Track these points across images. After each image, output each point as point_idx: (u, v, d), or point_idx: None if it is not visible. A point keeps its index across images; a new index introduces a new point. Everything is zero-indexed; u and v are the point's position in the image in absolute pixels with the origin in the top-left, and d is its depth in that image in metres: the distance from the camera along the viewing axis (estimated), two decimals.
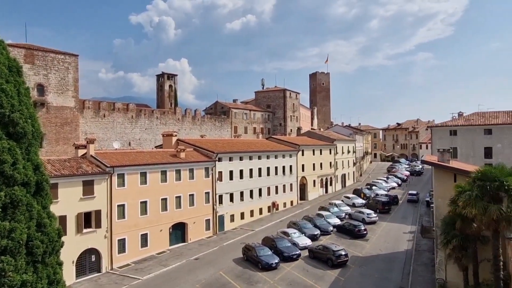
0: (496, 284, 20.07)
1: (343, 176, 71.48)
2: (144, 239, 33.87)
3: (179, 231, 37.64)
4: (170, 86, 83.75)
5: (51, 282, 12.98)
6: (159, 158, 36.49)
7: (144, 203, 33.98)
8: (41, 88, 42.18)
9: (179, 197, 37.28)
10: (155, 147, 51.88)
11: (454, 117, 54.72)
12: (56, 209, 25.32)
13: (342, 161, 70.84)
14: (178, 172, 37.27)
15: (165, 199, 35.88)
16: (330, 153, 66.06)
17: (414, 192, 60.20)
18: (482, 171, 21.09)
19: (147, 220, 34.17)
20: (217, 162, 41.62)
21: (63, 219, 27.14)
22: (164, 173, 35.86)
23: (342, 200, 54.24)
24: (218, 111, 74.55)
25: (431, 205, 37.05)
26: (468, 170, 24.50)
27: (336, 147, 67.69)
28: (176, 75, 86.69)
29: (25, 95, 13.46)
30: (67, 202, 27.85)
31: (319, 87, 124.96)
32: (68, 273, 27.12)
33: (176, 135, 44.66)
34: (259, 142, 56.98)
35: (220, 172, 42.39)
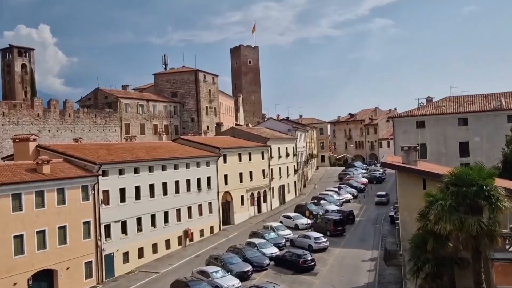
0: None
1: (281, 188, 73.09)
2: None
3: (44, 283, 35.39)
4: (24, 66, 78.69)
5: None
6: (8, 176, 33.97)
7: None
8: None
9: (43, 232, 35.06)
10: (2, 158, 48.30)
11: (422, 105, 59.03)
12: None
13: (280, 168, 72.37)
14: (40, 195, 35.02)
15: (20, 236, 33.46)
16: (263, 157, 67.07)
17: (383, 193, 63.41)
18: (456, 173, 22.70)
19: None
20: (100, 177, 39.98)
21: None
22: (17, 197, 33.40)
23: (281, 222, 55.25)
24: (100, 103, 71.69)
25: (396, 222, 39.23)
26: (440, 173, 26.28)
27: (271, 149, 68.96)
28: (33, 49, 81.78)
29: None
30: None
31: (244, 67, 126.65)
32: None
33: (35, 140, 42.19)
34: (163, 146, 55.99)
35: (106, 192, 40.83)
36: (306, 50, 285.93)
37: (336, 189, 75.08)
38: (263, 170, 66.86)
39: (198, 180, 52.93)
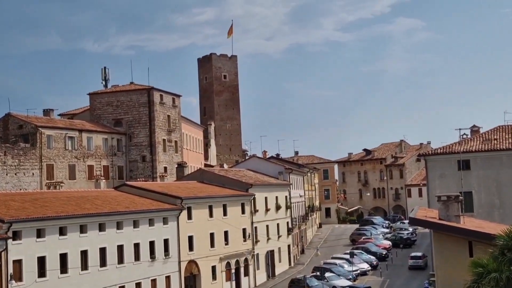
0: None
1: (270, 255, 72.64)
2: None
3: None
4: None
5: None
6: None
7: None
8: None
9: None
10: None
11: (465, 137, 59.63)
12: None
13: (267, 227, 72.01)
14: None
15: None
16: (244, 211, 66.73)
17: (419, 254, 63.02)
18: None
19: None
20: (10, 241, 39.33)
21: None
22: None
23: None
24: (13, 135, 71.10)
25: None
26: (492, 233, 26.34)
27: (254, 199, 68.71)
28: None
29: None
30: None
31: (218, 84, 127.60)
32: None
33: None
34: (101, 196, 55.55)
35: (18, 262, 40.16)
36: (303, 61, 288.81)
37: (348, 256, 74.69)
38: (244, 230, 66.39)
39: (151, 244, 52.34)
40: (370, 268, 72.53)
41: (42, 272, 41.90)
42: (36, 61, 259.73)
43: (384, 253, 80.00)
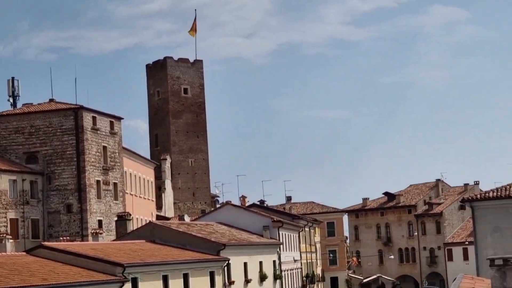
0: None
1: None
2: None
3: None
4: None
5: None
6: None
7: None
8: None
9: None
10: None
11: None
12: None
13: None
14: None
15: None
16: (212, 284, 66.48)
17: None
18: None
19: None
20: None
21: None
22: None
23: None
24: None
25: None
26: None
27: (229, 265, 68.50)
28: None
29: None
30: None
31: (175, 102, 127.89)
32: None
33: None
34: (7, 263, 55.04)
35: None
36: (297, 67, 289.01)
37: None
38: None
39: None
40: None
41: None
42: None
43: None
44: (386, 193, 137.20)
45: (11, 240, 67.65)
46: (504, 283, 30.63)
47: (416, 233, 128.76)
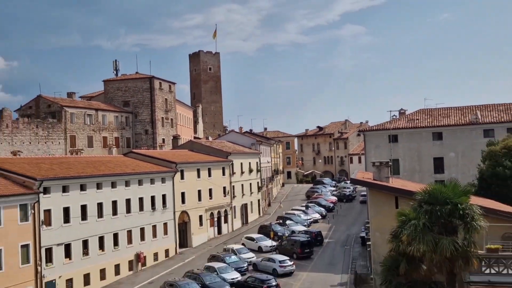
0: None
1: (244, 207, 73.17)
2: None
3: None
4: None
5: None
6: None
7: None
8: None
9: None
10: None
11: (394, 117, 60.39)
12: None
13: (242, 185, 72.48)
14: None
15: None
16: (224, 173, 67.09)
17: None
18: (430, 191, 23.29)
19: None
20: (42, 195, 39.15)
21: None
22: None
23: (243, 244, 55.36)
24: (43, 112, 70.24)
25: (368, 243, 39.86)
26: (413, 190, 26.94)
27: (232, 164, 69.05)
28: None
29: None
30: None
31: (204, 75, 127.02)
32: None
33: None
34: (113, 160, 55.38)
35: (48, 211, 40.02)
36: (272, 57, 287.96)
37: (303, 208, 75.63)
38: (224, 188, 66.81)
39: (152, 198, 52.49)
40: (320, 217, 73.46)
41: (66, 219, 41.94)
42: (62, 55, 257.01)
43: (331, 206, 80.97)
44: (318, 127, 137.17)
45: (115, 148, 67.76)
46: (380, 175, 31.10)
47: (333, 148, 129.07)
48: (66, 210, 41.93)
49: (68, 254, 41.75)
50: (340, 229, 65.81)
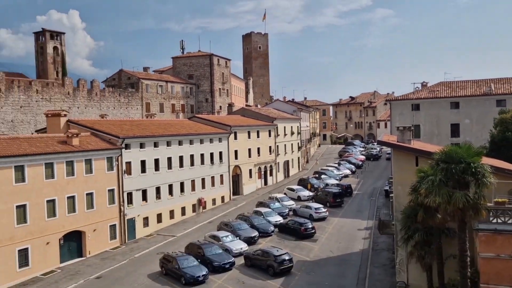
0: (463, 284, 21.93)
1: (286, 163, 73.31)
2: (23, 256, 31.88)
3: (73, 243, 36.02)
4: (55, 48, 78.60)
5: None
6: (42, 147, 34.30)
7: (21, 208, 31.87)
8: None
9: (73, 197, 35.60)
10: (36, 131, 48.67)
11: (417, 89, 58.44)
12: None
13: (285, 145, 72.47)
14: (70, 164, 35.48)
15: (53, 201, 34.01)
16: (270, 135, 67.16)
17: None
18: (446, 151, 22.70)
19: (27, 230, 32.11)
20: (123, 150, 40.30)
21: None
22: (49, 166, 33.87)
23: (285, 193, 55.68)
24: (124, 83, 71.79)
25: (390, 195, 39.39)
26: (431, 151, 26.29)
27: (277, 127, 68.96)
28: (63, 33, 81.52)
29: None
30: None
31: (255, 52, 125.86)
32: None
33: (65, 115, 42.58)
34: (180, 123, 56.17)
35: (129, 163, 41.21)
36: (312, 37, 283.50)
37: (336, 165, 75.11)
38: (270, 147, 66.97)
39: (211, 154, 53.21)
40: (350, 173, 72.88)
41: (143, 170, 43.09)
42: (139, 35, 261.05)
43: (360, 163, 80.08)
44: (350, 97, 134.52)
45: (181, 113, 68.65)
46: (403, 138, 30.41)
47: (363, 115, 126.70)
48: (143, 163, 43.11)
49: (144, 197, 43.10)
50: (367, 183, 65.21)
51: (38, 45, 79.02)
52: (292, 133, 75.77)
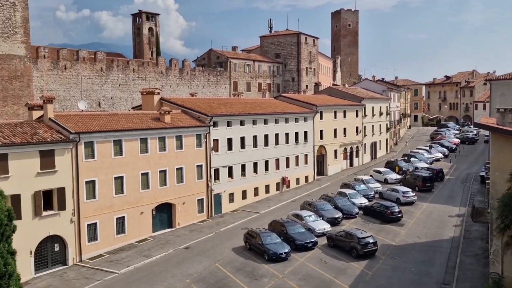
0: None
1: (373, 145, 71.45)
2: (120, 224, 34.43)
3: (164, 214, 38.21)
4: (151, 29, 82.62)
5: (1, 275, 13.18)
6: (137, 123, 36.49)
7: (119, 179, 34.28)
8: None
9: (164, 171, 37.59)
10: (132, 108, 51.81)
11: None
12: (6, 186, 25.58)
13: (372, 126, 70.53)
14: (162, 140, 37.41)
15: (146, 174, 36.17)
16: (357, 115, 65.69)
17: None
18: None
19: (123, 200, 34.59)
20: (211, 127, 41.62)
21: (16, 198, 27.46)
22: (144, 141, 35.99)
23: (371, 175, 54.43)
24: (213, 62, 73.80)
25: (487, 181, 36.97)
26: None
27: (365, 108, 67.21)
28: (158, 14, 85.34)
29: None
30: (21, 177, 28.08)
31: (344, 30, 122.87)
32: (25, 266, 27.80)
33: (159, 93, 44.64)
34: (266, 102, 56.72)
35: (216, 140, 42.53)
36: (405, 13, 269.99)
37: (427, 148, 71.80)
38: (357, 127, 65.56)
39: (296, 134, 53.28)
40: (443, 156, 69.32)
41: (229, 147, 44.27)
42: (228, 15, 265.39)
43: (453, 147, 75.78)
44: (445, 76, 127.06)
45: (267, 92, 69.16)
46: (503, 120, 28.32)
47: (459, 96, 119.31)
48: (229, 140, 44.29)
49: (230, 174, 44.41)
50: (461, 168, 61.60)
51: (135, 26, 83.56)
52: (381, 114, 73.40)
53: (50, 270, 30.04)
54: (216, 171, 42.67)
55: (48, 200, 29.98)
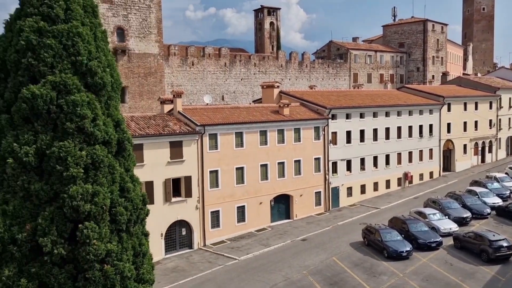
0: None
1: (510, 139, 65.03)
2: (241, 213, 35.96)
3: (282, 205, 39.01)
4: (271, 23, 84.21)
5: (136, 254, 14.57)
6: (257, 116, 37.65)
7: (240, 170, 35.76)
8: (121, 32, 45.44)
9: (282, 163, 38.33)
10: (253, 101, 53.48)
11: None
12: (141, 173, 28.11)
13: (509, 119, 64.13)
14: (281, 132, 38.16)
15: (265, 165, 37.21)
16: (491, 107, 60.20)
17: None
18: None
19: (244, 190, 36.01)
20: (330, 120, 41.39)
21: (149, 185, 30.16)
22: (263, 133, 37.04)
23: (506, 173, 49.77)
24: (333, 54, 73.04)
25: None
26: None
27: (500, 99, 61.27)
28: (279, 8, 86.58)
29: (102, 39, 14.70)
30: (153, 166, 30.72)
31: (477, 15, 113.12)
32: (156, 247, 30.42)
33: (278, 86, 45.45)
34: (387, 93, 54.76)
35: (334, 133, 42.20)
36: None
37: None
38: (490, 120, 60.09)
39: (420, 127, 50.63)
40: None
41: (348, 140, 43.65)
42: (349, 6, 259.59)
43: None
44: None
45: (390, 84, 66.34)
46: None
47: None
48: (348, 133, 43.62)
49: (348, 168, 43.79)
50: None
51: (257, 22, 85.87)
52: None
53: (178, 252, 32.53)
54: (334, 164, 42.35)
55: (177, 187, 32.41)
